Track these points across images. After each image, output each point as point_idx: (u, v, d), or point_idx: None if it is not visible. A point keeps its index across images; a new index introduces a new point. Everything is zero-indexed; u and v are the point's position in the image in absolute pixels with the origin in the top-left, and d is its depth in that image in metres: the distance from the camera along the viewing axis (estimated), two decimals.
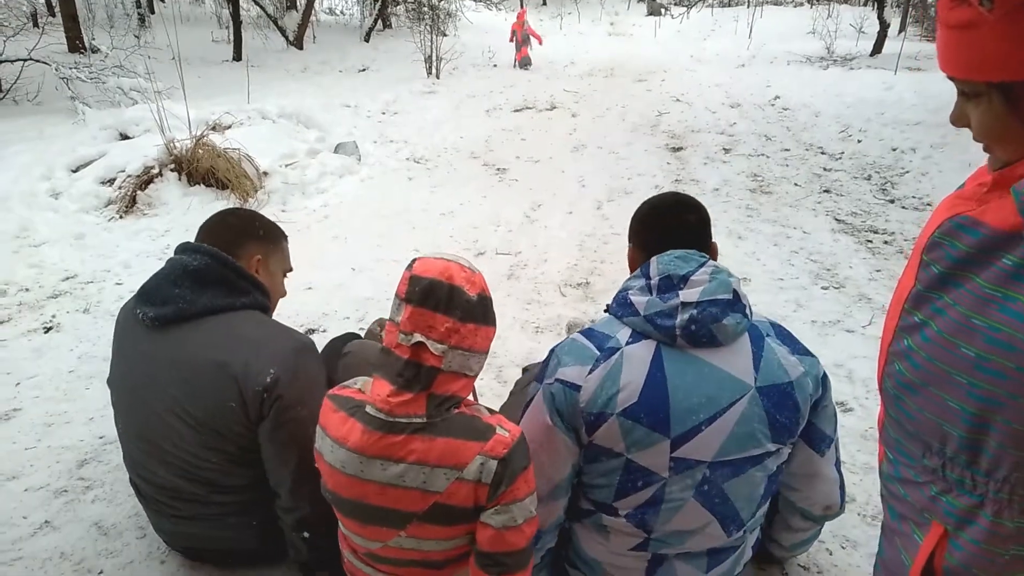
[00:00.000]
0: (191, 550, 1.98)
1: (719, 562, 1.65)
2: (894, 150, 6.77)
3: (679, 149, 7.35)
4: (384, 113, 8.90)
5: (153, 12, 16.30)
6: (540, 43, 14.35)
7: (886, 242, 4.76)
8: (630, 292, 1.57)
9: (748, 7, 26.44)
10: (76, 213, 4.88)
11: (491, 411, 1.52)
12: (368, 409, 1.40)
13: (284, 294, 2.03)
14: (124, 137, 6.12)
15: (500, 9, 19.28)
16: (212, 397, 1.66)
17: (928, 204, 5.44)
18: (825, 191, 5.88)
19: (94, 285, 4.04)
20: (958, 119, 0.98)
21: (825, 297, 3.89)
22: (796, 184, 6.07)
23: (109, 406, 1.94)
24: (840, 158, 6.85)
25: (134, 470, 1.88)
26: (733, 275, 1.54)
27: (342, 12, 19.36)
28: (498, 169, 6.74)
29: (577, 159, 7.06)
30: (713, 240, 1.69)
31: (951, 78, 0.93)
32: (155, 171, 5.31)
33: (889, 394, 1.07)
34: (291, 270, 2.04)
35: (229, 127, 6.30)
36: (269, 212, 5.20)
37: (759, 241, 4.74)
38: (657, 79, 12.17)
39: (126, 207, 5.05)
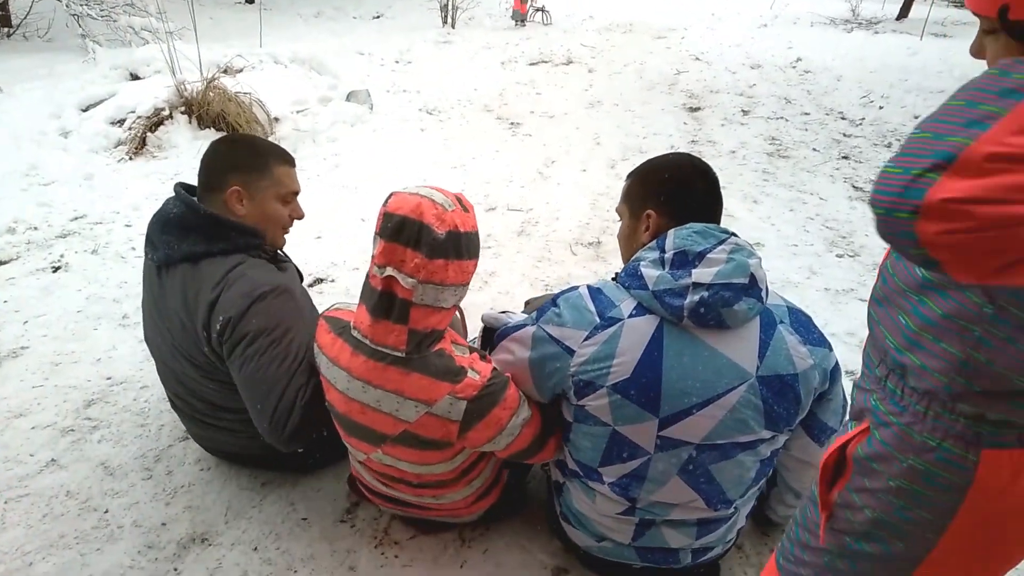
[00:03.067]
0: (216, 451, 2.16)
1: (710, 531, 1.64)
2: (916, 117, 6.63)
3: (696, 109, 7.22)
4: (398, 62, 8.76)
5: None
6: (546, 18, 12.71)
7: None
8: (642, 264, 1.49)
9: None
10: (86, 153, 4.84)
11: (472, 349, 1.61)
12: (354, 333, 1.55)
13: (290, 220, 1.95)
14: (135, 77, 6.04)
15: None
16: (190, 339, 1.80)
17: None
18: (844, 157, 5.78)
19: (103, 226, 4.02)
20: (977, 51, 1.02)
21: (840, 265, 3.84)
22: (814, 149, 5.96)
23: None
24: (860, 124, 6.72)
25: (166, 385, 2.05)
26: (754, 254, 1.46)
27: None
28: (512, 123, 6.65)
29: (592, 116, 6.94)
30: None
31: (973, 13, 0.98)
32: (165, 113, 5.25)
33: (868, 309, 1.15)
34: (296, 192, 1.94)
35: (241, 71, 6.20)
36: None
37: (774, 206, 4.67)
38: (677, 36, 11.91)
39: (136, 149, 5.00)
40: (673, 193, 1.57)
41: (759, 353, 1.45)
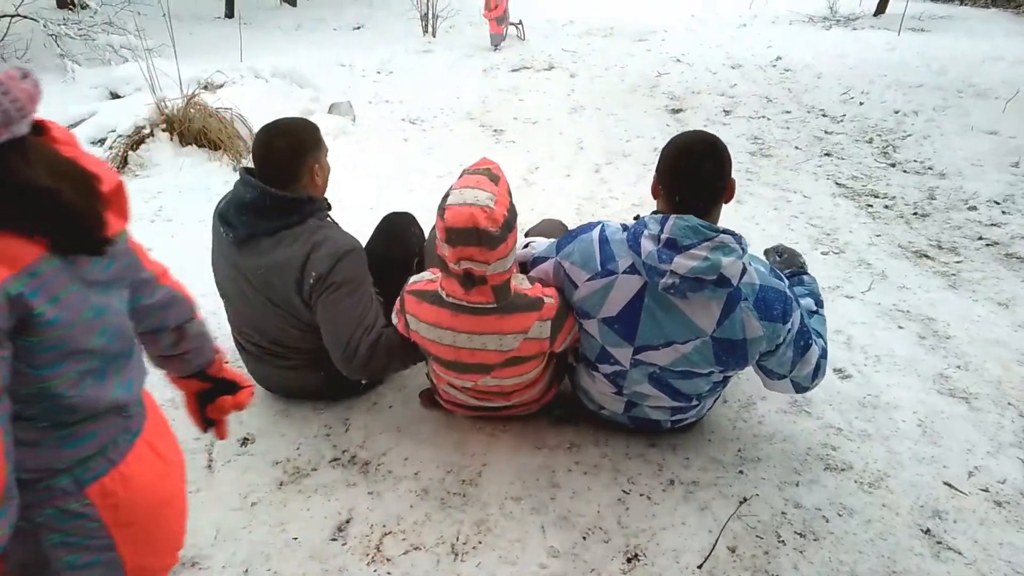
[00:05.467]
0: (279, 388, 2.51)
1: (682, 412, 2.21)
2: (896, 113, 6.68)
3: (679, 111, 7.24)
4: (379, 72, 8.74)
5: None
6: (503, 17, 10.85)
7: (887, 207, 4.71)
8: (645, 232, 1.86)
9: None
10: None
11: (531, 281, 2.08)
12: (447, 299, 1.97)
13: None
14: (115, 96, 6.01)
15: None
16: (282, 292, 2.18)
17: (929, 168, 5.37)
18: (826, 154, 5.81)
19: None
20: None
21: (825, 262, 3.86)
22: (797, 147, 5.99)
23: None
24: (842, 121, 6.75)
25: (238, 332, 2.44)
26: (735, 251, 1.79)
27: None
28: (495, 130, 6.65)
29: (575, 120, 6.95)
30: (732, 178, 1.91)
31: None
32: (146, 131, 5.21)
33: None
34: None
35: (221, 86, 6.17)
36: None
37: (759, 205, 4.68)
38: (657, 38, 11.95)
39: (118, 168, 4.96)
40: (672, 173, 1.91)
41: (718, 320, 1.92)
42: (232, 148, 5.19)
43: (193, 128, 5.18)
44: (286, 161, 2.10)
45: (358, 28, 12.10)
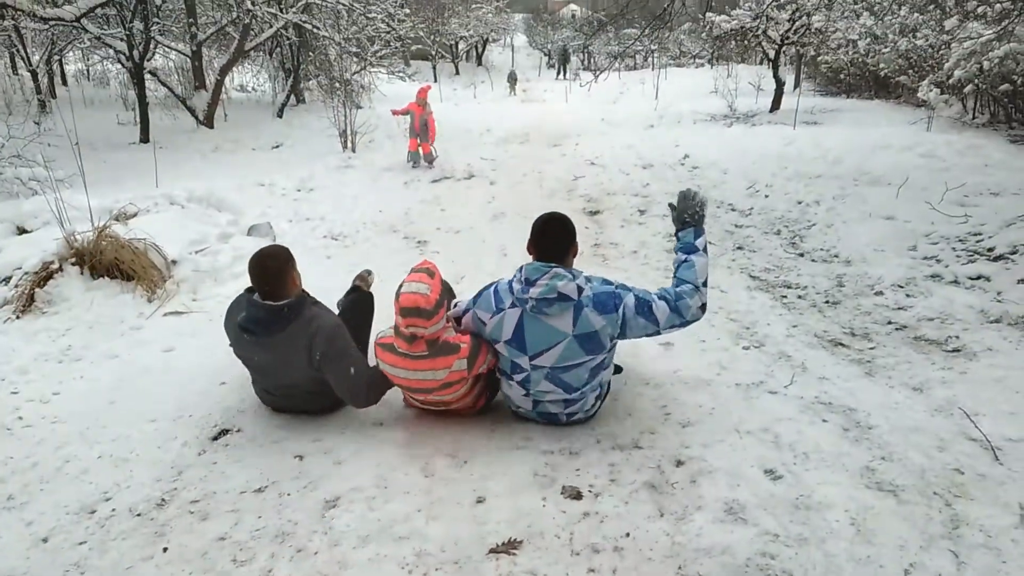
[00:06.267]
0: (292, 411, 3.42)
1: (571, 406, 3.12)
2: (799, 203, 7.04)
3: (596, 212, 7.48)
4: (300, 190, 8.77)
5: (55, 96, 15.85)
6: (432, 140, 10.69)
7: (800, 296, 4.89)
8: (513, 280, 3.00)
9: (652, 70, 27.66)
10: None
11: (456, 329, 3.10)
12: (399, 350, 2.98)
13: None
14: (22, 231, 5.82)
15: (414, 81, 19.52)
16: (296, 364, 3.16)
17: (835, 256, 5.64)
18: (738, 248, 6.05)
19: None
20: None
21: (747, 357, 3.94)
22: (710, 242, 6.19)
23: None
24: (750, 214, 7.08)
25: (262, 389, 3.44)
26: (565, 277, 2.87)
27: (254, 88, 19.22)
28: (419, 242, 6.71)
29: (497, 227, 7.08)
30: (576, 242, 3.07)
31: None
32: (55, 266, 5.04)
33: None
34: None
35: (135, 215, 6.07)
36: (179, 302, 5.01)
37: None
38: (571, 143, 12.45)
39: (23, 307, 4.76)
40: (535, 237, 3.04)
41: (573, 323, 2.91)
42: (146, 278, 5.06)
43: (105, 260, 5.04)
44: (276, 280, 3.14)
45: (277, 147, 12.19)
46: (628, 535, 2.47)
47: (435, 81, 28.10)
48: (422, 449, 3.10)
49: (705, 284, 3.02)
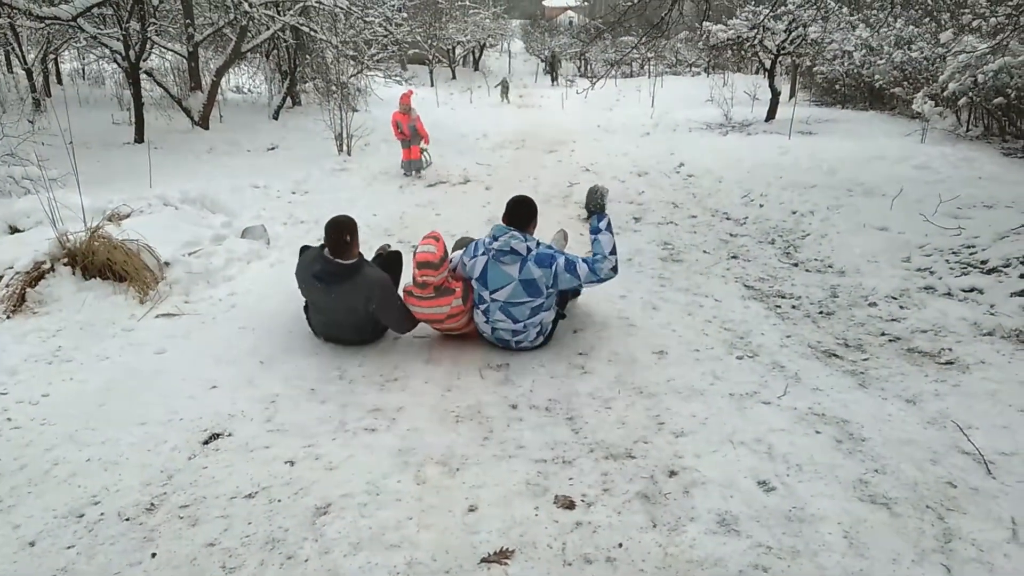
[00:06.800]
0: (341, 341, 4.38)
1: (518, 334, 4.12)
2: (794, 213, 7.06)
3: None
4: (295, 193, 8.75)
5: (50, 95, 15.77)
6: (427, 143, 10.46)
7: (794, 306, 4.90)
8: (485, 236, 4.19)
9: (649, 77, 27.76)
10: None
11: (452, 276, 4.17)
12: (415, 294, 4.08)
13: None
14: (15, 230, 5.78)
15: (411, 85, 19.51)
16: (355, 307, 4.12)
17: (829, 266, 5.65)
18: (733, 257, 6.05)
19: None
20: None
21: (741, 367, 3.93)
22: (705, 251, 6.23)
23: None
24: (745, 223, 7.09)
25: (319, 323, 4.40)
26: (519, 239, 4.01)
27: (250, 90, 19.17)
28: (413, 245, 6.67)
29: None
30: (536, 218, 4.24)
31: None
32: (46, 266, 5.00)
33: None
34: None
35: (128, 216, 6.03)
36: (171, 304, 4.98)
37: (673, 312, 4.79)
38: (567, 149, 12.46)
39: (14, 306, 4.72)
40: (507, 209, 4.19)
41: (519, 271, 3.98)
42: (139, 280, 5.02)
43: (97, 261, 5.01)
44: (346, 247, 4.10)
45: (272, 149, 12.15)
46: (621, 545, 2.46)
47: (431, 85, 28.14)
48: (414, 456, 3.08)
49: (613, 252, 4.05)
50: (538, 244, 4.10)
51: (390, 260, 4.82)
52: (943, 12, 10.90)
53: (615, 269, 4.05)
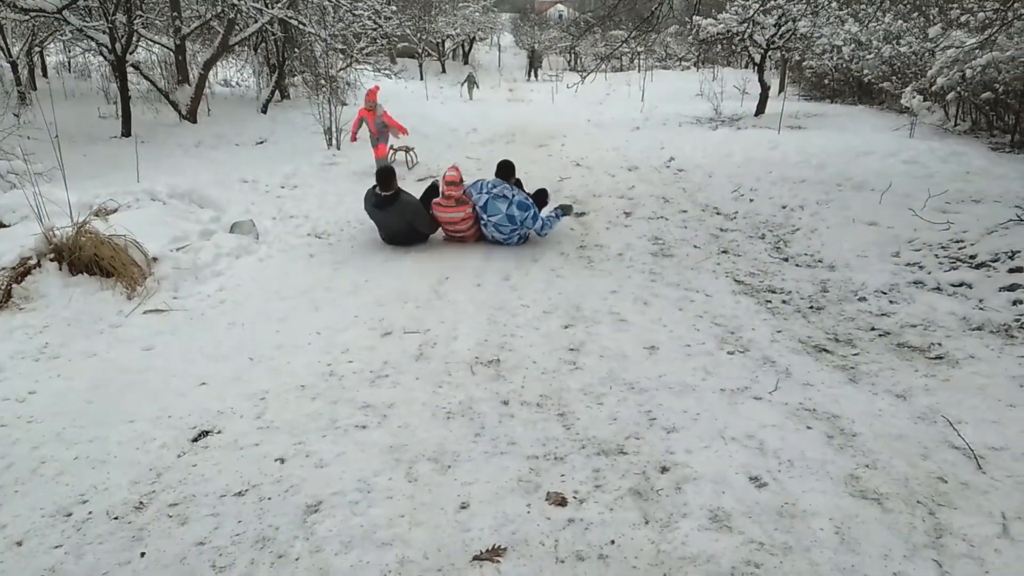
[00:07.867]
0: (398, 243, 6.58)
1: (508, 239, 6.46)
2: (784, 208, 7.07)
3: (582, 214, 7.46)
4: (283, 187, 8.70)
5: (35, 88, 15.62)
6: (404, 133, 10.05)
7: (784, 301, 4.90)
8: (487, 181, 6.48)
9: (639, 71, 27.75)
10: None
11: (467, 195, 6.46)
12: (443, 204, 6.43)
13: None
14: (0, 226, 5.72)
15: (400, 78, 19.42)
16: (402, 220, 6.45)
17: (819, 261, 5.66)
18: (723, 252, 6.06)
19: None
20: None
21: (732, 362, 3.94)
22: (695, 246, 6.23)
23: None
24: (735, 218, 7.09)
25: (383, 234, 6.63)
26: (507, 187, 6.36)
27: (238, 84, 19.04)
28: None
29: None
30: (517, 176, 6.88)
31: None
32: (33, 262, 4.95)
33: None
34: None
35: (115, 211, 5.99)
36: (159, 299, 4.94)
37: (664, 307, 4.79)
38: (557, 144, 12.44)
39: (0, 303, 4.67)
40: (498, 168, 6.80)
41: (506, 209, 6.27)
42: (126, 275, 4.98)
43: (84, 256, 4.96)
44: (389, 185, 6.28)
45: (261, 143, 12.08)
46: (613, 542, 2.46)
47: (421, 79, 28.03)
48: (405, 453, 3.07)
49: (550, 228, 6.51)
50: (516, 193, 6.30)
51: (431, 187, 6.96)
52: (932, 7, 10.93)
53: (544, 234, 6.52)
